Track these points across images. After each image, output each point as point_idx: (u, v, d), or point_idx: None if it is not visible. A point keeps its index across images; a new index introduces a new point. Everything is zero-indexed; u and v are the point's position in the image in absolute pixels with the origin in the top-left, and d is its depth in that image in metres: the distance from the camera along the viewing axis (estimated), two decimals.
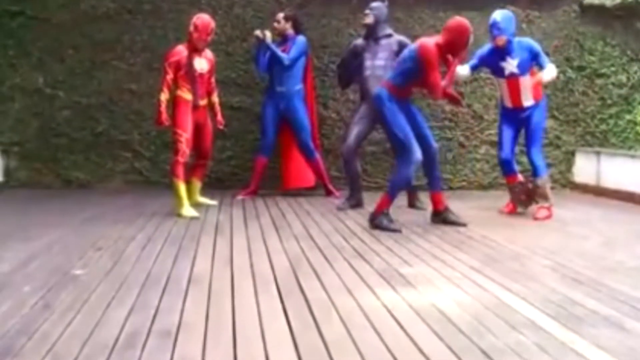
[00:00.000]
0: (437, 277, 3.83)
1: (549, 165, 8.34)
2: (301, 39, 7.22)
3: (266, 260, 4.27)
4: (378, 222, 5.41)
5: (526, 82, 6.04)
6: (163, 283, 3.62)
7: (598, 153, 8.00)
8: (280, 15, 7.29)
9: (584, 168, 8.20)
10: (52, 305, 3.19)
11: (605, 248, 4.80)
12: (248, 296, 3.40)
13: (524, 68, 6.03)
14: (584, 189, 8.05)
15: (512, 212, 6.31)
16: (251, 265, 4.09)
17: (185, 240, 4.89)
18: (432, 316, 3.09)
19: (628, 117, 8.48)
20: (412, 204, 6.60)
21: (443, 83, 5.34)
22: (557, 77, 7.15)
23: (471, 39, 5.38)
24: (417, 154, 5.31)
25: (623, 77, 8.46)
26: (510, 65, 6.02)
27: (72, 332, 2.82)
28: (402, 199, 6.70)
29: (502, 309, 3.22)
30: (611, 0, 8.30)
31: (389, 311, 3.17)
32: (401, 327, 2.94)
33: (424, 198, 6.66)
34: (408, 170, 5.35)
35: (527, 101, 6.09)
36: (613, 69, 8.45)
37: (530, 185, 6.17)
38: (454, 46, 5.31)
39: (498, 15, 6.00)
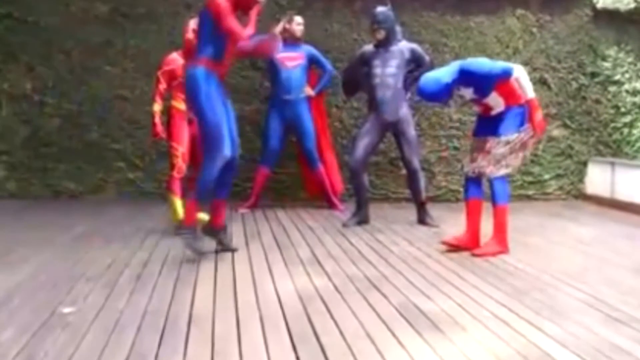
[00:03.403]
0: (463, 316, 3.48)
1: (560, 176, 8.07)
2: (310, 47, 7.14)
3: (272, 291, 3.92)
4: (184, 237, 4.69)
5: None
6: (161, 324, 3.25)
7: (613, 164, 7.67)
8: (299, 18, 7.03)
9: (597, 179, 7.88)
10: (36, 356, 2.82)
11: (637, 276, 4.45)
12: (256, 342, 3.04)
13: None
14: (597, 201, 7.72)
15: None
16: (257, 300, 3.74)
17: (183, 266, 4.52)
18: None
19: None
20: (422, 220, 6.25)
21: (248, 31, 4.77)
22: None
23: None
24: (226, 149, 4.61)
25: (638, 84, 8.16)
26: None
27: None
28: (412, 213, 6.40)
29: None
30: (625, 5, 7.98)
31: None
32: None
33: (434, 212, 6.37)
34: (214, 167, 4.60)
35: None
36: (627, 75, 8.14)
37: None
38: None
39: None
